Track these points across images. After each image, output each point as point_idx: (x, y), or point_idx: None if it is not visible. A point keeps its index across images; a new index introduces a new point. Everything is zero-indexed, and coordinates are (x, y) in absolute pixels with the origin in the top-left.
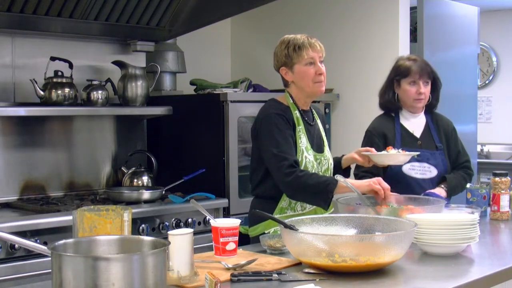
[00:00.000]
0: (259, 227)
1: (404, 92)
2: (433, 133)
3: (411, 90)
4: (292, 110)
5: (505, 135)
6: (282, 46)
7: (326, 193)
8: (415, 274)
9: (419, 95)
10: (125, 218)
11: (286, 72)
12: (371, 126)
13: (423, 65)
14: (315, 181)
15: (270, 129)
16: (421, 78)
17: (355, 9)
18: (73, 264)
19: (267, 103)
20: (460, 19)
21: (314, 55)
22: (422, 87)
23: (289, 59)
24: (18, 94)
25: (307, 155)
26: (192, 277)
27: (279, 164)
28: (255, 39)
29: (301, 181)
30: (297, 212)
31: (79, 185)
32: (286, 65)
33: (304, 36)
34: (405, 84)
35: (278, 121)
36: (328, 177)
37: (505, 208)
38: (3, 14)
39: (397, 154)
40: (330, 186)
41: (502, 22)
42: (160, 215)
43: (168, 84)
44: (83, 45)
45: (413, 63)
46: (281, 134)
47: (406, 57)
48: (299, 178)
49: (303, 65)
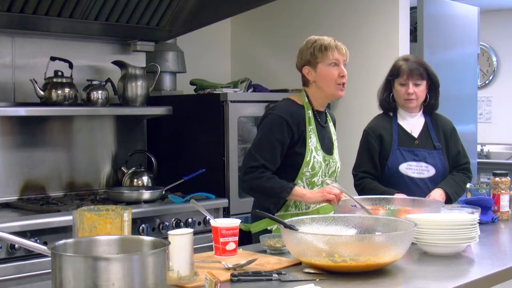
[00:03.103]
0: (262, 223)
1: (396, 92)
2: (432, 133)
3: (401, 90)
4: (306, 109)
5: (505, 135)
6: (308, 44)
7: (278, 198)
8: (415, 274)
9: (409, 95)
10: (125, 218)
11: (309, 71)
12: (369, 126)
13: (415, 65)
14: (271, 185)
15: (263, 128)
16: (410, 79)
17: (355, 9)
18: (73, 264)
19: (281, 102)
20: (460, 19)
21: (339, 57)
22: (411, 87)
23: (313, 58)
24: (18, 94)
25: (316, 155)
26: (192, 277)
27: (247, 162)
28: (255, 39)
29: (258, 182)
30: (301, 210)
31: (79, 185)
32: (310, 64)
33: (331, 38)
34: (396, 84)
35: (275, 124)
36: (285, 184)
37: (505, 208)
38: (3, 14)
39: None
40: (283, 193)
41: (502, 22)
42: (160, 215)
43: (168, 84)
44: (83, 45)
45: (404, 63)
46: (269, 138)
47: (402, 57)
48: (256, 179)
49: (327, 65)
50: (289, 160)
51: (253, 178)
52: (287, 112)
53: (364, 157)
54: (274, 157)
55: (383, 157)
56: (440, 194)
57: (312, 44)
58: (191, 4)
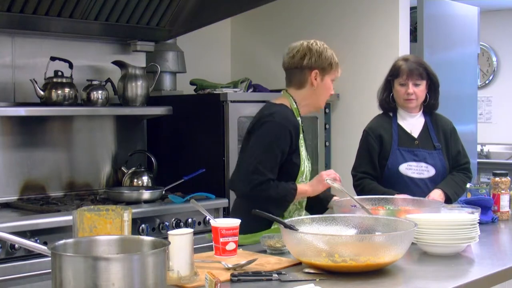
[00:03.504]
0: (253, 237)
1: (396, 92)
2: (432, 133)
3: (401, 90)
4: (296, 115)
5: (505, 135)
6: (327, 52)
7: (285, 202)
8: (415, 274)
9: (408, 95)
10: (125, 218)
11: (317, 76)
12: (368, 126)
13: (415, 65)
14: (277, 192)
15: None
16: (410, 79)
17: (355, 9)
18: (73, 264)
19: (277, 107)
20: (460, 19)
21: (337, 76)
22: (411, 87)
23: (329, 68)
24: (18, 94)
25: (307, 164)
26: (192, 277)
27: (252, 177)
28: (255, 39)
29: (265, 194)
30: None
31: (79, 185)
32: (322, 71)
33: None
34: (396, 84)
35: (278, 133)
36: (287, 186)
37: (505, 208)
38: (3, 14)
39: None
40: (289, 197)
41: (502, 22)
42: (160, 215)
43: (168, 84)
44: (83, 45)
45: (404, 63)
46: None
47: (401, 57)
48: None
49: (330, 80)
50: (285, 170)
51: (260, 191)
52: (288, 120)
53: (364, 158)
54: (276, 167)
55: (383, 157)
56: (440, 194)
57: (330, 54)
58: (191, 4)
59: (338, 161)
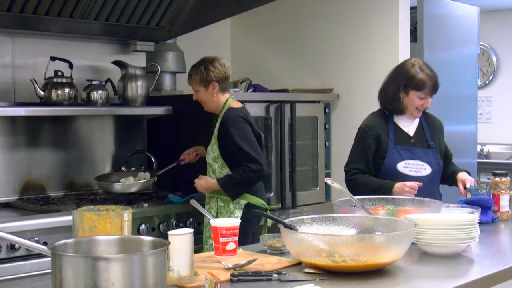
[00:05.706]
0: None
1: (410, 101)
2: (426, 132)
3: (418, 102)
4: None
5: (505, 135)
6: None
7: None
8: (415, 274)
9: (423, 107)
10: (125, 218)
11: None
12: (365, 124)
13: (437, 82)
14: None
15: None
16: (431, 94)
17: (355, 9)
18: (73, 264)
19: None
20: (460, 19)
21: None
22: (430, 102)
23: None
24: (18, 94)
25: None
26: (192, 277)
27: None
28: (255, 39)
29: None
30: None
31: (79, 185)
32: None
33: None
34: (413, 95)
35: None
36: None
37: (505, 208)
38: (3, 14)
39: None
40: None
41: (502, 22)
42: (160, 215)
43: (168, 84)
44: (83, 45)
45: (428, 79)
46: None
47: (419, 68)
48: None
49: None
50: None
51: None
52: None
53: (359, 155)
54: None
55: (380, 156)
56: (466, 174)
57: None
58: (191, 4)
59: (338, 161)
